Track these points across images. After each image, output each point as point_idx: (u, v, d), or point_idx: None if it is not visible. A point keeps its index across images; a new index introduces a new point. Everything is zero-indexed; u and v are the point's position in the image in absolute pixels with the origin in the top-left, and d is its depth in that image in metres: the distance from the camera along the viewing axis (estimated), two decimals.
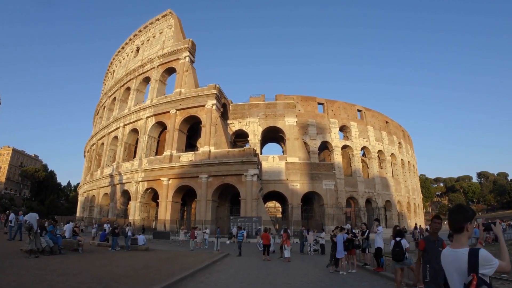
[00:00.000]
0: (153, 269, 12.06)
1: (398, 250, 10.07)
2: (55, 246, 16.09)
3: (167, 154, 41.73)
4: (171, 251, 20.42)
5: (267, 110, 48.38)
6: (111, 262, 13.82)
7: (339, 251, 13.29)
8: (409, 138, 73.10)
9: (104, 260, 14.17)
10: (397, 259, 10.01)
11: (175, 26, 50.20)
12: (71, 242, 17.62)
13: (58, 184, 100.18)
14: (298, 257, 19.59)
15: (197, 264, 14.18)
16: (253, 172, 37.92)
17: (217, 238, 20.22)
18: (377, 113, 61.16)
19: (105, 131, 52.98)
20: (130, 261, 14.43)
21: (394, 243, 10.17)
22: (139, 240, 20.77)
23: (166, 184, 40.50)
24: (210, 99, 41.82)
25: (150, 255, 17.14)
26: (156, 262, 14.17)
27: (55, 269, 11.16)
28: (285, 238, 17.60)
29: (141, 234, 21.46)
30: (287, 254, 17.09)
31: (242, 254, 19.64)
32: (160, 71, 48.25)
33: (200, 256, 17.43)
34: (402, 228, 17.59)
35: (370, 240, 14.99)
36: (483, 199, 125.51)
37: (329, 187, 45.09)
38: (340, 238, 13.44)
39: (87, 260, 14.13)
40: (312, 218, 45.89)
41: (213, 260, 15.84)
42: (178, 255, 17.78)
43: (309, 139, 50.77)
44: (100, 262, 13.38)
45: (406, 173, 65.47)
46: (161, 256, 16.99)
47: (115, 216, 44.70)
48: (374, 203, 54.07)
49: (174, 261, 14.97)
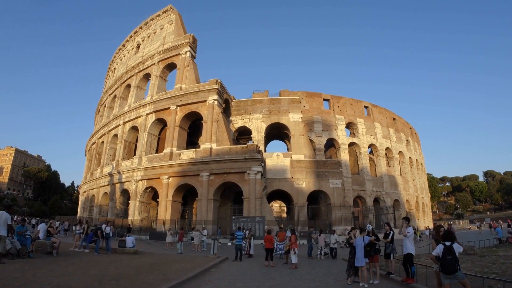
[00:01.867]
0: (125, 281, 9.31)
1: (450, 259, 7.18)
2: (23, 248, 13.48)
3: (167, 152, 39.12)
4: (162, 255, 17.60)
5: (271, 106, 45.54)
6: (78, 269, 11.09)
7: (359, 258, 10.38)
8: (417, 136, 69.74)
9: (72, 267, 11.45)
10: (450, 270, 7.13)
11: (176, 22, 47.73)
12: (45, 244, 14.98)
13: (62, 184, 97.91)
14: (306, 262, 16.67)
15: (185, 272, 11.41)
16: (256, 169, 35.12)
17: (213, 240, 17.32)
18: (384, 109, 58.00)
19: (105, 129, 50.58)
20: (104, 268, 11.69)
21: (444, 249, 7.28)
22: (127, 242, 18.06)
23: (166, 183, 37.86)
24: (212, 94, 39.19)
25: (134, 260, 14.39)
26: (135, 270, 11.41)
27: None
28: (293, 240, 14.73)
29: (129, 235, 18.71)
30: (294, 260, 14.20)
31: (242, 259, 16.84)
32: (160, 67, 45.75)
33: (192, 262, 14.63)
34: (449, 228, 14.70)
35: (394, 243, 12.08)
36: (490, 199, 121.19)
37: (336, 186, 42.10)
38: (360, 242, 10.54)
39: (51, 266, 11.41)
40: (319, 218, 42.87)
41: (206, 267, 13.03)
42: (167, 260, 14.99)
43: (314, 136, 47.85)
44: (64, 270, 10.65)
45: (414, 171, 62.16)
46: (146, 261, 14.23)
47: (114, 216, 42.15)
48: (382, 202, 50.91)
49: (158, 268, 12.20)
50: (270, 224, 32.61)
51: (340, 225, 39.88)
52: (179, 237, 19.29)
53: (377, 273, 11.26)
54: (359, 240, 10.54)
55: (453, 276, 7.17)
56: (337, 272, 13.58)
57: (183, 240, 19.42)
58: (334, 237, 18.63)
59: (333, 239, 18.38)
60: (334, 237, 18.84)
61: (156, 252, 19.41)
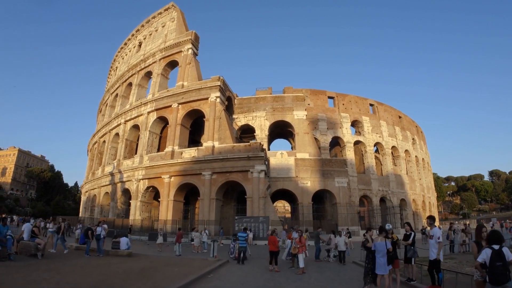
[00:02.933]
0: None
1: (500, 266, 5.61)
2: (3, 250, 12.11)
3: (168, 150, 37.72)
4: (157, 258, 16.08)
5: (274, 103, 43.95)
6: (56, 274, 9.65)
7: (381, 265, 8.72)
8: (422, 134, 67.80)
9: (50, 272, 10.00)
10: (500, 280, 5.54)
11: (178, 19, 46.40)
12: (29, 245, 13.58)
13: (65, 184, 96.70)
14: (314, 266, 15.02)
15: (178, 279, 9.92)
16: (260, 168, 33.58)
17: (213, 242, 15.78)
18: (389, 107, 56.22)
19: (107, 128, 49.31)
20: (87, 273, 10.24)
21: (492, 253, 5.71)
22: (121, 244, 16.60)
23: (167, 182, 36.45)
24: (214, 91, 37.74)
25: (125, 264, 12.92)
26: (121, 277, 9.94)
27: None
28: (303, 243, 13.15)
29: (123, 237, 17.22)
30: (301, 264, 12.61)
31: (245, 262, 15.31)
32: (162, 65, 44.41)
33: (189, 266, 13.14)
34: (466, 228, 13.07)
35: (415, 246, 10.50)
36: (496, 198, 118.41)
37: (342, 185, 40.37)
38: (381, 246, 8.93)
39: (27, 270, 9.98)
40: (324, 218, 41.15)
41: (203, 273, 11.51)
42: (161, 263, 13.50)
43: (319, 135, 46.25)
44: (38, 276, 9.19)
45: (420, 170, 60.26)
46: (137, 265, 12.75)
47: (116, 216, 40.86)
48: (389, 202, 49.12)
49: (149, 273, 10.73)
50: (274, 225, 31.07)
51: (347, 225, 38.12)
52: (176, 238, 17.78)
53: (397, 280, 9.69)
54: (380, 245, 8.94)
55: (503, 287, 5.60)
56: (349, 277, 12.02)
57: (181, 242, 17.85)
58: (342, 239, 16.48)
59: (341, 241, 16.30)
60: (343, 239, 16.57)
61: (153, 254, 17.92)
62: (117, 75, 54.13)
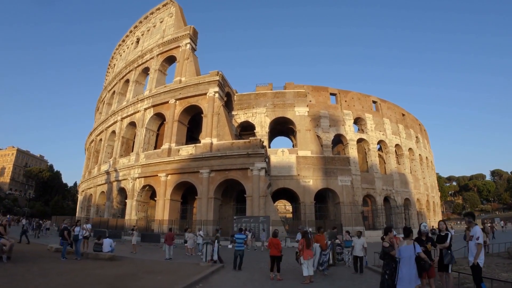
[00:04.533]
0: None
1: None
2: None
3: (165, 148, 35.74)
4: (142, 262, 14.01)
5: (275, 99, 41.92)
6: (8, 283, 7.64)
7: (406, 279, 6.62)
8: (426, 133, 65.60)
9: (2, 279, 7.99)
10: None
11: (176, 14, 44.51)
12: None
13: (65, 185, 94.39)
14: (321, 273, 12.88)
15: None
16: (260, 165, 31.54)
17: (206, 245, 13.68)
18: (393, 105, 54.10)
19: (103, 126, 47.35)
20: (45, 282, 8.22)
21: None
22: (104, 246, 14.59)
23: (164, 181, 34.47)
24: (212, 86, 35.79)
25: (101, 270, 10.92)
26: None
27: None
28: (312, 244, 10.92)
29: (107, 238, 15.21)
30: (306, 272, 10.41)
31: (242, 268, 13.25)
32: (159, 60, 42.50)
33: (176, 273, 11.10)
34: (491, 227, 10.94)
35: (452, 250, 8.47)
36: (498, 198, 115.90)
37: (345, 183, 38.27)
38: (408, 252, 6.86)
39: None
40: (327, 218, 39.01)
41: (191, 282, 9.47)
42: (143, 270, 11.46)
43: (321, 132, 44.15)
44: None
45: (424, 169, 58.08)
46: (115, 271, 10.73)
47: (111, 216, 38.85)
48: (393, 202, 46.99)
49: (122, 283, 8.72)
50: (275, 225, 29.00)
51: (351, 225, 36.04)
52: (165, 239, 15.74)
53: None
54: (406, 249, 6.85)
55: None
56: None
57: (173, 244, 15.80)
58: (361, 241, 12.91)
59: (359, 244, 12.86)
60: (361, 242, 12.92)
61: (140, 258, 15.87)
62: (114, 72, 52.27)
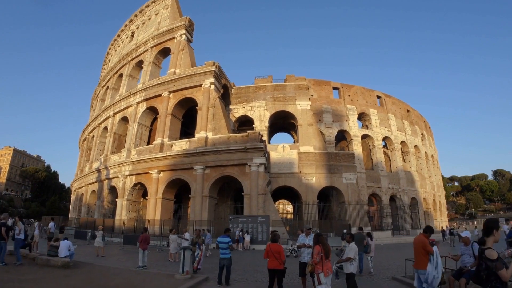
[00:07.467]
0: None
1: None
2: None
3: (157, 143, 32.53)
4: (105, 271, 10.67)
5: (275, 92, 38.65)
6: None
7: None
8: (430, 130, 62.14)
9: None
10: None
11: (172, 6, 41.41)
12: None
13: (62, 185, 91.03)
14: None
15: None
16: (259, 161, 28.25)
17: (183, 250, 10.31)
18: (397, 100, 50.73)
19: (96, 122, 44.21)
20: None
21: None
22: (60, 249, 11.30)
23: (155, 178, 31.24)
24: (208, 77, 32.61)
25: (36, 285, 7.67)
26: None
27: None
28: (330, 253, 7.19)
29: (64, 239, 11.94)
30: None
31: (230, 282, 9.95)
32: (154, 53, 39.38)
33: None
34: None
35: None
36: (502, 198, 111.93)
37: (350, 181, 34.92)
38: None
39: None
40: (331, 218, 35.63)
41: None
42: (95, 283, 8.22)
43: (324, 127, 40.86)
44: None
45: (430, 167, 54.61)
46: (54, 286, 7.50)
47: (102, 215, 35.63)
48: (399, 201, 43.57)
49: None
50: (276, 225, 25.71)
51: (356, 226, 32.71)
52: (139, 242, 12.38)
53: None
54: None
55: None
56: None
57: (147, 248, 12.47)
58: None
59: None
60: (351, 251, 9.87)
61: (106, 264, 12.53)
62: (108, 67, 49.23)
